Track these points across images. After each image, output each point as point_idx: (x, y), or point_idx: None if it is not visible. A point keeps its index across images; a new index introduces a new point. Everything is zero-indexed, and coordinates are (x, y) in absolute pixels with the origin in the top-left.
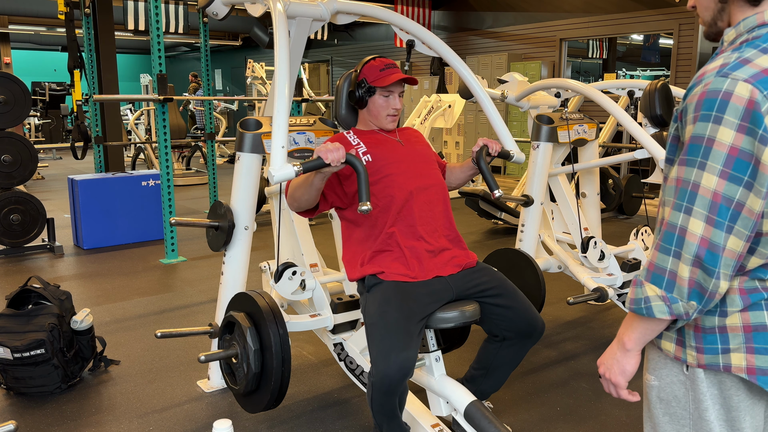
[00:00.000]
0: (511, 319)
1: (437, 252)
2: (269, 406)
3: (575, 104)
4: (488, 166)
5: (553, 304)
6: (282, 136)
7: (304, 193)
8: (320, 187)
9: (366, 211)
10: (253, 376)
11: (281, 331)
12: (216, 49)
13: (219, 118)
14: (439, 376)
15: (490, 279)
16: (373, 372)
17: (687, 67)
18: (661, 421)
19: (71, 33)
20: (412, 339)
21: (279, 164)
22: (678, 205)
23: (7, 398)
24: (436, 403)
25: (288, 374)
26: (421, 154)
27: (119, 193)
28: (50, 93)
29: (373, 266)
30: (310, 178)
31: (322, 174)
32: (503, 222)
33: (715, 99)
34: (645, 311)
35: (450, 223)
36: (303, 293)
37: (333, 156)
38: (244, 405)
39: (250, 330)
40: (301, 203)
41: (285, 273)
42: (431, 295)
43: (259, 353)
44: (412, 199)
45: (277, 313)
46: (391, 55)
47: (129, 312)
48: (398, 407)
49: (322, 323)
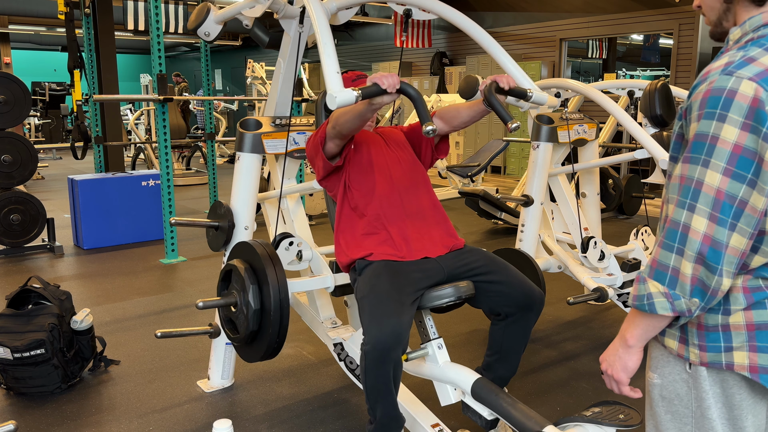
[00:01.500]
0: (508, 294)
1: (424, 233)
2: (269, 351)
3: (575, 104)
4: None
5: (553, 304)
6: (335, 63)
7: (351, 119)
8: (367, 117)
9: (431, 131)
10: (253, 313)
11: (278, 270)
12: (216, 49)
13: (219, 118)
14: (443, 363)
15: (480, 257)
16: (365, 340)
17: (687, 67)
18: (663, 419)
19: (71, 33)
20: (404, 307)
21: (338, 87)
22: (681, 203)
23: (7, 398)
24: (444, 392)
25: (287, 316)
26: (398, 143)
27: (119, 193)
28: (50, 93)
29: (361, 250)
30: (360, 106)
31: (373, 105)
32: (503, 222)
33: (719, 97)
34: (647, 308)
35: (434, 204)
36: (300, 264)
37: (389, 81)
38: (245, 354)
39: (247, 270)
40: (343, 129)
41: (282, 243)
42: (422, 272)
43: (257, 291)
44: (394, 183)
45: (273, 256)
46: (391, 55)
47: (129, 312)
48: (393, 383)
49: (323, 283)
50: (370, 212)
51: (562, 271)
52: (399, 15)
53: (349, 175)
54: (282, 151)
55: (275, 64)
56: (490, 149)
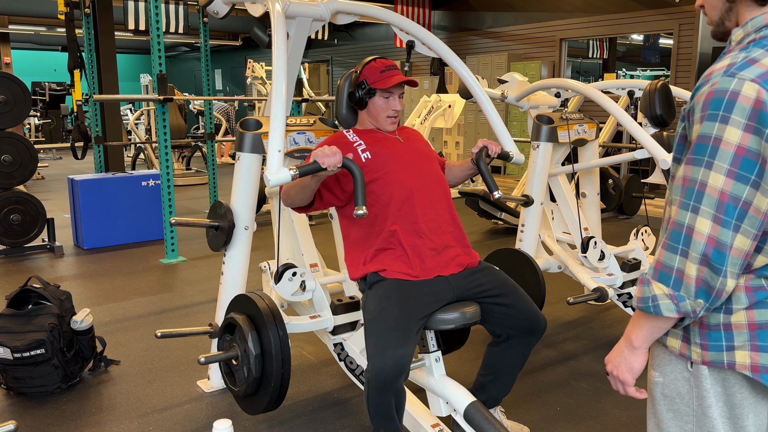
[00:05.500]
0: (514, 317)
1: (440, 250)
2: (269, 408)
3: (575, 104)
4: (488, 168)
5: (553, 304)
6: (279, 139)
7: (299, 192)
8: (315, 188)
9: (361, 215)
10: (253, 380)
11: (281, 334)
12: (216, 49)
13: (219, 118)
14: (439, 376)
15: (492, 279)
16: (368, 368)
17: (687, 67)
18: (664, 417)
19: (71, 33)
20: (410, 337)
21: (275, 168)
22: (685, 204)
23: (7, 398)
24: (436, 404)
25: (288, 377)
26: (421, 152)
27: (119, 193)
28: (50, 93)
29: (375, 264)
30: (306, 180)
31: (318, 177)
32: (503, 222)
33: (722, 99)
34: (652, 309)
35: (454, 220)
36: (303, 294)
37: (330, 161)
38: (243, 407)
39: (251, 334)
40: (295, 201)
41: (285, 274)
42: (432, 295)
43: (259, 357)
44: (413, 196)
45: (277, 316)
46: (391, 56)
47: (129, 312)
48: (395, 410)
49: (322, 325)
50: (385, 228)
51: (562, 271)
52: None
53: None
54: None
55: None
56: None
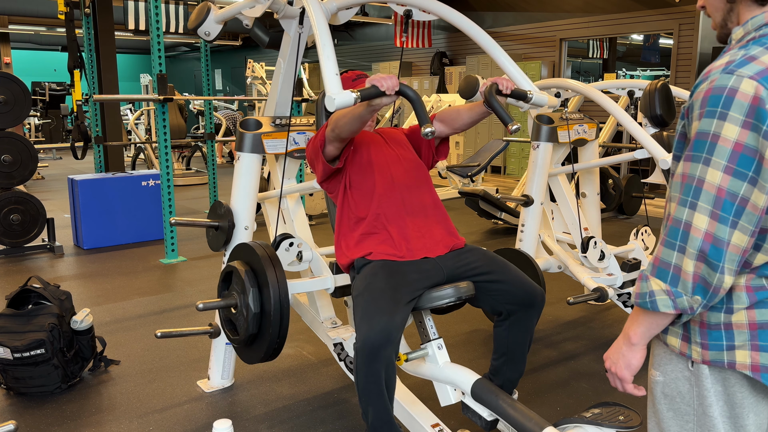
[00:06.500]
0: (508, 291)
1: (425, 233)
2: (269, 353)
3: (575, 104)
4: (500, 103)
5: (553, 304)
6: (334, 64)
7: (349, 122)
8: (366, 119)
9: (429, 132)
10: (253, 315)
11: (278, 273)
12: (216, 49)
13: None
14: (443, 363)
15: (480, 257)
16: (356, 338)
17: (687, 67)
18: (665, 416)
19: (71, 33)
20: (398, 306)
21: (337, 89)
22: (683, 201)
23: (7, 398)
24: (444, 392)
25: (287, 318)
26: (400, 143)
27: (119, 193)
28: (50, 93)
29: (360, 249)
30: (359, 108)
31: (371, 106)
32: (503, 222)
33: (720, 95)
34: (650, 305)
35: (436, 204)
36: (300, 264)
37: (388, 83)
38: (245, 355)
39: (248, 272)
40: (343, 131)
41: (282, 244)
42: (420, 272)
43: (257, 294)
44: (395, 182)
45: (273, 258)
46: (391, 55)
47: (129, 312)
48: (384, 385)
49: (323, 284)
50: (370, 213)
51: (562, 271)
52: (399, 15)
53: (349, 176)
54: (282, 151)
55: (275, 64)
56: (490, 149)
